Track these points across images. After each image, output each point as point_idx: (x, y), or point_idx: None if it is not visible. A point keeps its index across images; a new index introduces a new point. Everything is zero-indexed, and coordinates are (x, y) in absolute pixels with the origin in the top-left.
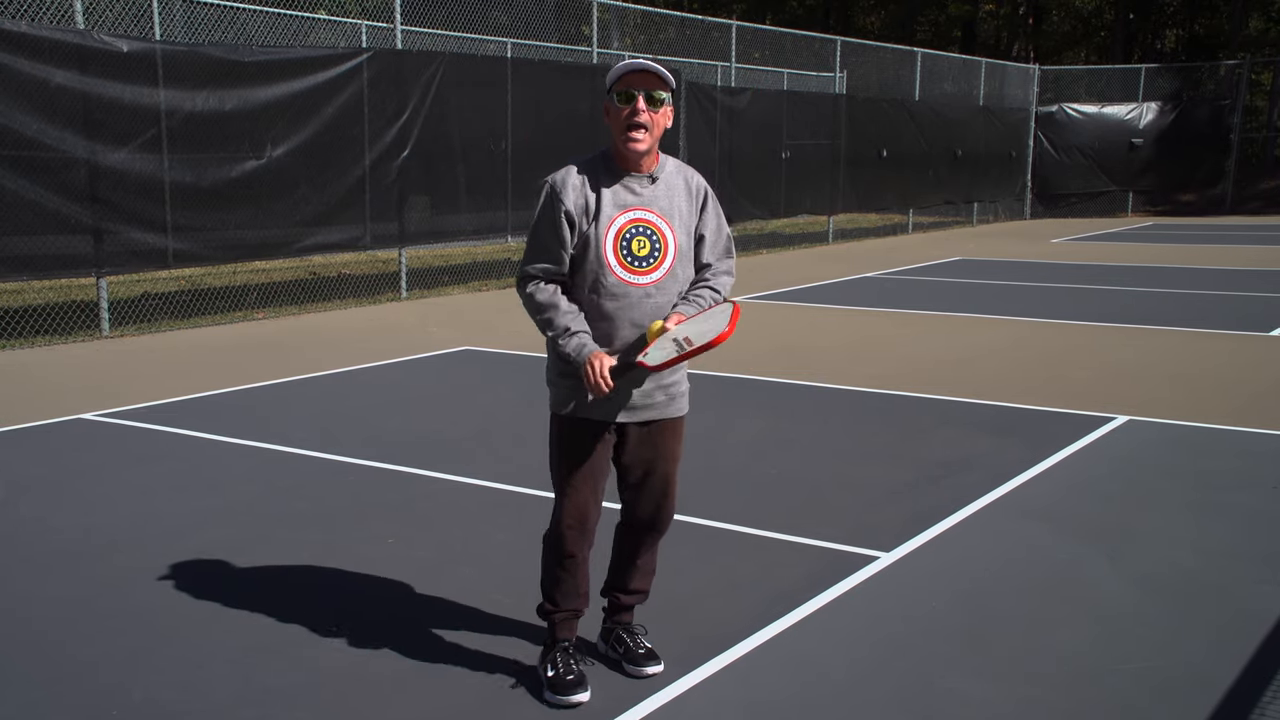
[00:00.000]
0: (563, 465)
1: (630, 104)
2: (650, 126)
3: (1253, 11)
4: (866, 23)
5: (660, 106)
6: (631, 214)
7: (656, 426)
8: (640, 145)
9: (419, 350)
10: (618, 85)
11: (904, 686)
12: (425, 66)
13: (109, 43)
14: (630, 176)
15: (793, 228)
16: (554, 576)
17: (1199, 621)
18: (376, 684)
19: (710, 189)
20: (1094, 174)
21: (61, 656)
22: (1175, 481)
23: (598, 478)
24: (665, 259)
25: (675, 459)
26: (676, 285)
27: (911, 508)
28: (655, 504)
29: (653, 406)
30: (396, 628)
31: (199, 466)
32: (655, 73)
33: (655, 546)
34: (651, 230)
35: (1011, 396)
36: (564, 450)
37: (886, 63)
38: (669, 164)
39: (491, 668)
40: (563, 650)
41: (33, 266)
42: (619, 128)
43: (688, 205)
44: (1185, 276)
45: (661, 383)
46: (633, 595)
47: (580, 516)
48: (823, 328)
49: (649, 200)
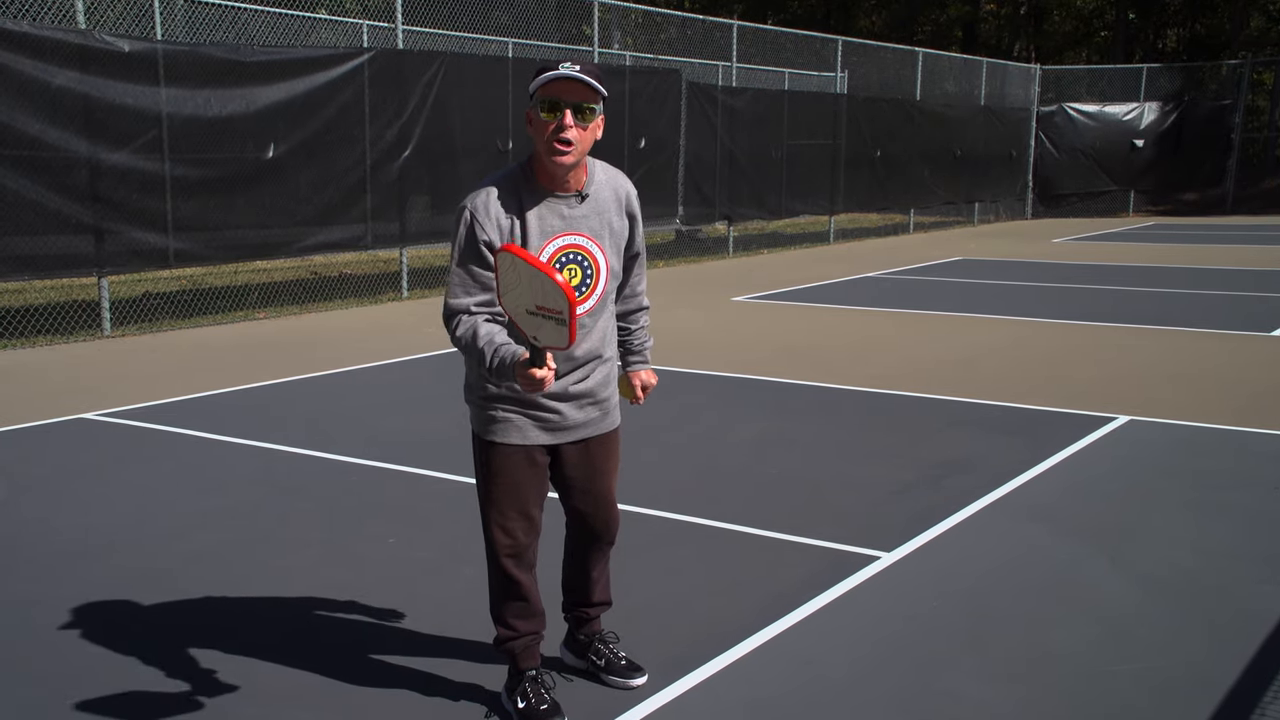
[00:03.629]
0: (493, 494)
1: (556, 117)
2: (577, 142)
3: (1254, 11)
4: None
5: (590, 119)
6: (560, 240)
7: (596, 442)
8: (566, 160)
9: (420, 350)
10: (541, 92)
11: (904, 686)
12: (426, 66)
13: (110, 43)
14: (555, 197)
15: (793, 228)
16: (504, 602)
17: (1199, 622)
18: (377, 685)
19: (636, 193)
20: (1095, 174)
21: (61, 656)
22: (1176, 481)
23: (533, 505)
24: (597, 286)
25: (612, 472)
26: (606, 310)
27: (912, 508)
28: (600, 517)
29: (588, 424)
30: (398, 628)
31: (200, 466)
32: (584, 82)
33: (608, 555)
34: (583, 256)
35: (1012, 396)
36: (493, 479)
37: (887, 63)
38: (597, 173)
39: (491, 670)
40: (531, 680)
41: (34, 266)
42: (543, 141)
43: (619, 221)
44: (1186, 276)
45: (597, 398)
46: (598, 607)
47: (516, 548)
48: (824, 328)
49: (578, 223)
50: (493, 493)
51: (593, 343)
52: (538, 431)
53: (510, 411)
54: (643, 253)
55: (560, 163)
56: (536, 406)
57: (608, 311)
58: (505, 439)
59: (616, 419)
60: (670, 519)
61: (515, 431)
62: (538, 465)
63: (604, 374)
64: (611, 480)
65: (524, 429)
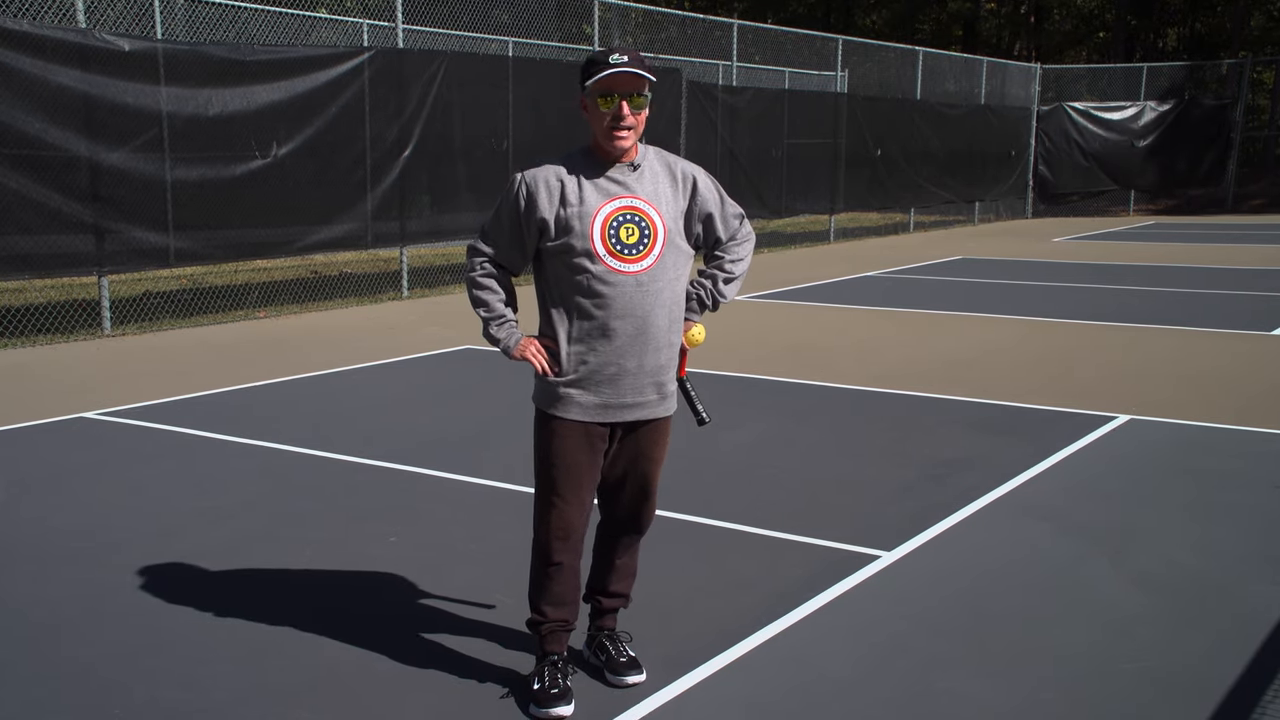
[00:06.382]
0: (551, 471)
1: (613, 108)
2: (635, 126)
3: (1254, 10)
4: (867, 21)
5: (643, 105)
6: (618, 202)
7: (645, 428)
8: (625, 143)
9: (420, 349)
10: (598, 86)
11: (905, 686)
12: (427, 65)
13: (111, 42)
14: (613, 167)
15: (794, 227)
16: (541, 585)
17: (1200, 621)
18: (378, 684)
19: (702, 172)
20: (1095, 173)
21: (62, 656)
22: (1176, 481)
23: (588, 486)
24: (655, 245)
25: (658, 461)
26: (666, 275)
27: (913, 507)
28: (634, 506)
29: (645, 405)
30: (398, 627)
31: (200, 465)
32: (635, 74)
33: (635, 547)
34: (640, 217)
35: (1013, 396)
36: (553, 455)
37: (888, 62)
38: (649, 152)
39: (492, 670)
40: (550, 664)
41: (34, 265)
42: (602, 128)
43: (672, 192)
44: (1187, 275)
45: (657, 379)
46: (613, 599)
47: (566, 528)
48: (824, 327)
49: (633, 187)
50: (550, 467)
51: (658, 320)
52: (598, 409)
53: (572, 388)
54: (727, 212)
55: (620, 145)
56: (599, 385)
57: (676, 290)
58: (566, 414)
59: (672, 406)
60: (670, 518)
61: (577, 408)
62: (595, 446)
63: (667, 357)
64: (655, 469)
65: (586, 406)
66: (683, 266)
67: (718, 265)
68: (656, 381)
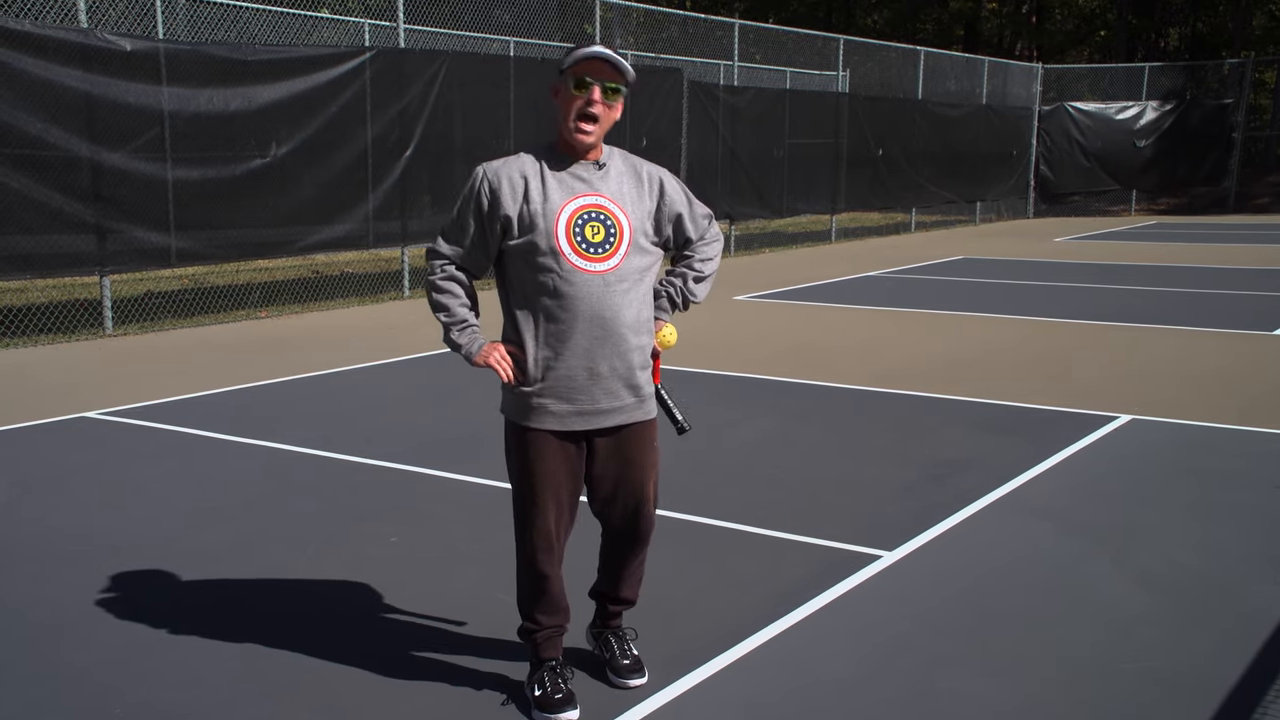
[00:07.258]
0: (531, 485)
1: (585, 93)
2: (601, 119)
3: (1256, 10)
4: (869, 21)
5: (616, 100)
6: (582, 199)
7: (625, 434)
8: (589, 138)
9: (421, 349)
10: (575, 69)
11: (906, 686)
12: (428, 65)
13: (112, 42)
14: (578, 164)
15: (795, 226)
16: (532, 596)
17: (1202, 621)
18: (378, 685)
19: (668, 173)
20: (1097, 173)
21: (62, 656)
22: (1178, 481)
23: (566, 496)
24: (621, 244)
25: (648, 468)
26: (633, 275)
27: (914, 506)
28: (630, 519)
29: (622, 409)
30: (399, 628)
31: (201, 465)
32: (614, 64)
33: (641, 555)
34: (605, 215)
35: (1014, 395)
36: (531, 468)
37: (889, 61)
38: (614, 153)
39: (494, 672)
40: (549, 669)
41: (36, 265)
42: (569, 114)
43: (637, 192)
44: (1188, 275)
45: (630, 381)
46: (619, 604)
47: (549, 540)
48: (825, 327)
49: (598, 185)
50: (527, 481)
51: (626, 320)
52: (573, 417)
53: (544, 397)
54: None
55: (582, 139)
56: (571, 392)
57: (642, 290)
58: (541, 425)
59: (652, 409)
60: (671, 518)
61: (550, 417)
62: (571, 453)
63: (639, 358)
64: (646, 477)
65: (560, 415)
66: (649, 267)
67: (687, 264)
68: (630, 384)
